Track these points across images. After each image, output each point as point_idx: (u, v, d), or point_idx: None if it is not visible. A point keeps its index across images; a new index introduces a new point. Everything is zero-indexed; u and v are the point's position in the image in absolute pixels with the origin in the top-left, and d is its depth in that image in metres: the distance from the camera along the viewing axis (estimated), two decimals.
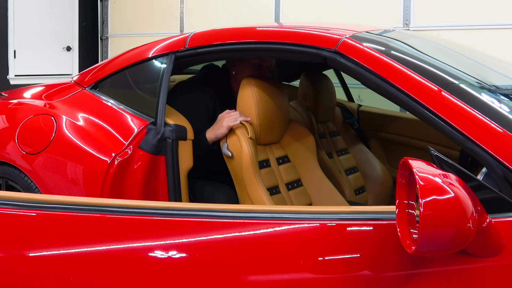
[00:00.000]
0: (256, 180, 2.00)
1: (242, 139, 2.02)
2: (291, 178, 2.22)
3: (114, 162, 1.96)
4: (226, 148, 2.07)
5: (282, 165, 2.21)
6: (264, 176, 2.07)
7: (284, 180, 2.18)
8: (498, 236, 1.07)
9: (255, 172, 2.01)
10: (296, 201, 2.17)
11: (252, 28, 2.03)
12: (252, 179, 2.00)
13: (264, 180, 2.05)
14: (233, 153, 2.04)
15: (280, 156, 2.22)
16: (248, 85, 2.07)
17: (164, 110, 1.98)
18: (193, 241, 1.18)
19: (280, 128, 2.22)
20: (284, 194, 2.14)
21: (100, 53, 6.97)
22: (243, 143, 2.02)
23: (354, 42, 1.63)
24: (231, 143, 2.06)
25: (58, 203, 1.25)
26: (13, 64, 6.29)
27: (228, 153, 2.05)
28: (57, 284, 1.18)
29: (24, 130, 2.24)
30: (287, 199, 2.14)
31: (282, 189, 2.15)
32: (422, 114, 1.38)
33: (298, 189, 2.22)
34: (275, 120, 2.16)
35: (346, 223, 1.15)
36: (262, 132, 2.11)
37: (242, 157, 2.01)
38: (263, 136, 2.12)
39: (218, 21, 5.56)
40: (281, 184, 2.16)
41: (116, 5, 6.82)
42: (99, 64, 2.44)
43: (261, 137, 2.12)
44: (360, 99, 3.70)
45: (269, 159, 2.17)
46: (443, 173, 1.03)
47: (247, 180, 2.01)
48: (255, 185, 2.00)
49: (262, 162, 2.11)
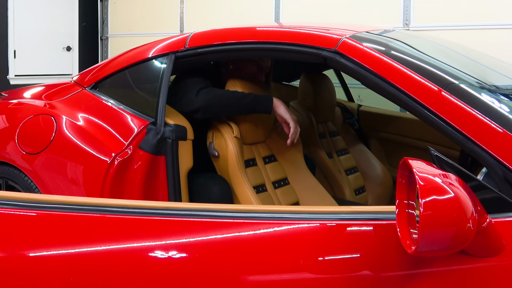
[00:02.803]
0: (242, 179, 2.03)
1: (228, 139, 2.07)
2: (278, 176, 2.24)
3: (114, 162, 1.96)
4: (212, 148, 2.10)
5: (268, 164, 2.24)
6: (250, 174, 2.10)
7: (270, 179, 2.21)
8: (498, 236, 1.07)
9: (241, 170, 2.04)
10: (282, 199, 2.19)
11: (252, 28, 2.03)
12: (238, 177, 2.03)
13: (250, 179, 2.08)
14: (219, 152, 2.08)
15: (266, 156, 2.25)
16: (232, 86, 2.12)
17: (164, 110, 1.98)
18: (193, 241, 1.18)
19: (264, 128, 2.24)
20: (271, 192, 2.16)
21: (100, 53, 6.97)
22: (228, 142, 2.06)
23: (354, 42, 1.63)
24: (217, 143, 2.09)
25: (58, 203, 1.25)
26: (13, 64, 6.28)
27: (214, 153, 2.09)
28: (57, 284, 1.18)
29: (24, 130, 2.24)
30: (274, 197, 2.16)
31: (269, 187, 2.17)
32: (422, 114, 1.38)
33: (284, 188, 2.24)
34: (260, 120, 2.19)
35: (346, 223, 1.15)
36: (247, 131, 2.14)
37: (228, 156, 2.04)
38: (248, 136, 2.16)
39: (218, 21, 5.56)
40: (267, 183, 2.18)
41: (116, 5, 6.82)
42: (99, 64, 2.44)
43: (246, 137, 2.15)
44: (360, 99, 3.70)
45: (255, 158, 2.20)
46: (443, 173, 1.02)
47: (233, 179, 2.04)
48: (241, 183, 2.03)
49: (248, 161, 2.14)
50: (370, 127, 3.18)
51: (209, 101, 2.05)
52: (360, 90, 3.65)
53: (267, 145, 2.30)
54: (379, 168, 2.88)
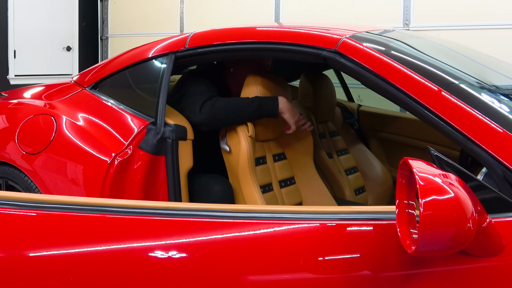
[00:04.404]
0: (250, 179, 2.02)
1: (242, 137, 2.04)
2: (285, 175, 2.24)
3: (114, 162, 1.96)
4: (225, 142, 2.08)
5: (277, 162, 2.23)
6: (259, 173, 2.09)
7: (278, 177, 2.21)
8: (498, 236, 1.07)
9: (251, 170, 2.03)
10: (287, 199, 2.19)
11: (252, 28, 2.03)
12: (247, 177, 2.03)
13: (259, 178, 2.07)
14: (231, 148, 2.06)
15: (276, 153, 2.24)
16: (254, 82, 2.09)
17: (164, 110, 1.99)
18: (193, 241, 1.18)
19: (278, 125, 2.23)
20: (276, 192, 2.16)
21: (100, 53, 6.97)
22: (242, 140, 2.04)
23: (354, 42, 1.63)
24: (230, 138, 2.08)
25: (58, 203, 1.25)
26: (13, 64, 6.28)
27: (226, 148, 2.08)
28: (57, 284, 1.18)
29: (24, 130, 2.24)
30: (278, 197, 2.16)
31: (275, 186, 2.17)
32: (422, 114, 1.38)
33: (290, 187, 2.24)
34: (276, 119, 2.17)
35: (346, 223, 1.15)
36: (262, 129, 2.13)
37: (239, 154, 2.03)
38: (262, 133, 2.15)
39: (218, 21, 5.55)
40: (274, 182, 2.18)
41: (116, 5, 6.82)
42: (99, 64, 2.44)
43: (259, 134, 2.14)
44: (360, 99, 3.70)
45: (266, 155, 2.19)
46: (443, 173, 1.02)
47: (242, 177, 2.03)
48: (249, 183, 2.02)
49: (258, 159, 2.13)
50: (370, 127, 3.18)
51: (214, 115, 2.03)
52: (360, 90, 3.65)
53: (279, 142, 2.29)
54: (379, 168, 2.88)
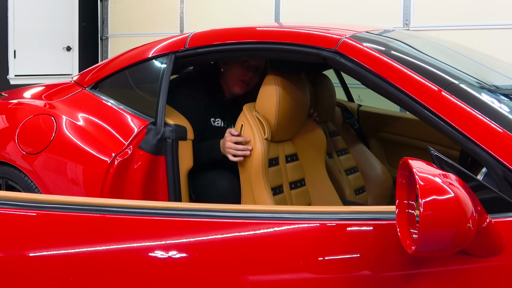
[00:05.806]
0: (262, 181, 1.99)
1: (257, 139, 1.99)
2: (296, 177, 2.21)
3: (114, 162, 1.96)
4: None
5: (289, 163, 2.20)
6: (271, 175, 2.05)
7: (289, 179, 2.18)
8: (498, 236, 1.07)
9: (264, 172, 1.99)
10: (296, 201, 2.17)
11: (252, 28, 2.03)
12: (259, 179, 1.99)
13: (270, 180, 2.03)
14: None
15: (289, 154, 2.20)
16: (273, 82, 2.02)
17: (164, 110, 1.98)
18: (193, 241, 1.18)
19: (296, 127, 2.21)
20: (286, 194, 2.14)
21: (100, 53, 6.97)
22: (257, 142, 1.99)
23: (354, 42, 1.63)
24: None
25: (58, 203, 1.25)
26: (13, 64, 6.28)
27: None
28: (57, 284, 1.18)
29: (24, 130, 2.24)
30: (288, 199, 2.14)
31: (286, 188, 2.15)
32: (422, 114, 1.38)
33: (300, 189, 2.22)
34: (293, 119, 2.14)
35: (346, 223, 1.15)
36: (278, 130, 2.07)
37: (253, 156, 1.98)
38: (277, 134, 2.09)
39: (218, 21, 5.56)
40: (285, 183, 2.16)
41: (116, 5, 6.82)
42: (99, 64, 2.44)
43: (275, 135, 2.09)
44: (360, 99, 3.70)
45: (279, 156, 2.15)
46: (443, 173, 1.02)
47: (254, 179, 1.99)
48: (261, 185, 1.99)
49: (271, 160, 2.08)
50: (370, 127, 3.18)
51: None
52: (360, 90, 3.65)
53: (293, 142, 2.25)
54: (379, 168, 2.88)
